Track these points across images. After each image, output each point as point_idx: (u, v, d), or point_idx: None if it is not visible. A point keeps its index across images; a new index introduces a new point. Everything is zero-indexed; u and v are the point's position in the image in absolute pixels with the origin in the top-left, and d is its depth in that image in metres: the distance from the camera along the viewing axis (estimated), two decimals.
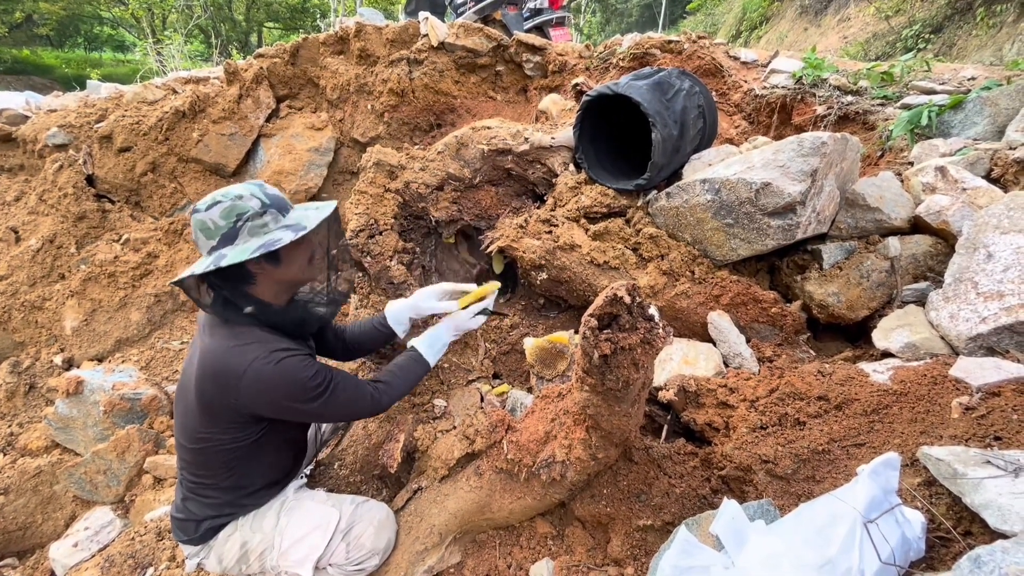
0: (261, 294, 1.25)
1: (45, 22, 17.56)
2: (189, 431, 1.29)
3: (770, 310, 1.71)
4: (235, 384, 1.16)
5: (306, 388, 1.20)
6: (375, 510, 1.47)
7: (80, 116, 3.34)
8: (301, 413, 1.26)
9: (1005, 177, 1.78)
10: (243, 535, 1.39)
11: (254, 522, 1.40)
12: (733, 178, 1.65)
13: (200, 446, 1.28)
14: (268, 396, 1.18)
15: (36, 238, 3.05)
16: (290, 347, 1.22)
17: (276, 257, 1.22)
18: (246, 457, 1.32)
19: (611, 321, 1.05)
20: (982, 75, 2.45)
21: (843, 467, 1.16)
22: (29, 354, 2.85)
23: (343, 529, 1.41)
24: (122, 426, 2.31)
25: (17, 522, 2.16)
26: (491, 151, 2.16)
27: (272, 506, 1.43)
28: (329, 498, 1.48)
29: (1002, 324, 1.29)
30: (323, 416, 1.32)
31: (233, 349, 1.18)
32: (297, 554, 1.38)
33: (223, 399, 1.19)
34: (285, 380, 1.17)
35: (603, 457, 1.27)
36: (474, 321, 1.63)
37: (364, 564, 1.43)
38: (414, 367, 1.49)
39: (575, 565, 1.30)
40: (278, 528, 1.40)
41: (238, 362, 1.16)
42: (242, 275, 1.21)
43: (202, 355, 1.21)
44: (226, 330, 1.21)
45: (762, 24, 12.05)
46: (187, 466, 1.36)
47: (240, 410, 1.21)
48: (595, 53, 3.19)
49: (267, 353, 1.17)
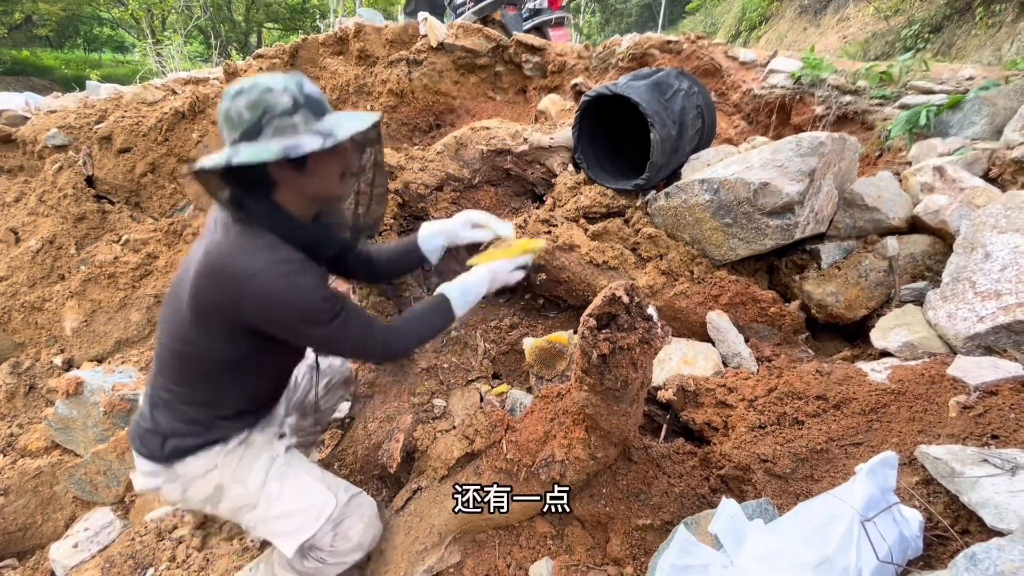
0: (283, 202, 1.13)
1: (44, 23, 17.57)
2: (175, 331, 1.18)
3: (769, 310, 1.71)
4: (239, 289, 1.05)
5: (314, 310, 1.09)
6: (366, 505, 1.42)
7: (80, 117, 3.34)
8: (303, 336, 1.15)
9: (1003, 177, 1.78)
10: (222, 478, 1.29)
11: (237, 470, 1.30)
12: (732, 178, 1.65)
13: (184, 349, 1.18)
14: (272, 310, 1.08)
15: (36, 239, 3.05)
16: (305, 262, 1.11)
17: (302, 165, 1.09)
18: (227, 373, 1.22)
19: (610, 321, 1.05)
20: (980, 75, 2.46)
21: (841, 466, 1.17)
22: (29, 355, 2.85)
23: (335, 519, 1.34)
24: (122, 427, 2.31)
25: (17, 523, 2.16)
26: (490, 151, 2.16)
27: (260, 459, 1.33)
28: (324, 476, 1.39)
29: (999, 323, 1.30)
30: (325, 346, 1.22)
31: (244, 250, 1.06)
32: (281, 527, 1.30)
33: (221, 302, 1.08)
34: (294, 296, 1.07)
35: (602, 457, 1.28)
36: (514, 275, 1.45)
37: (346, 557, 1.36)
38: (436, 315, 1.32)
39: (574, 564, 1.31)
40: (265, 491, 1.30)
41: (246, 265, 1.05)
42: (261, 178, 1.09)
43: (208, 251, 1.09)
44: (239, 229, 1.09)
45: (761, 24, 12.06)
46: (163, 371, 1.25)
47: (236, 318, 1.10)
48: (594, 53, 3.19)
49: (280, 262, 1.06)
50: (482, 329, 2.05)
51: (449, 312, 1.33)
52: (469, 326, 2.08)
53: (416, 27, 3.23)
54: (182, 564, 1.77)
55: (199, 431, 1.27)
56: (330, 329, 1.13)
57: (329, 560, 1.36)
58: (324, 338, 1.15)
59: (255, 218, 1.09)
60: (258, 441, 1.37)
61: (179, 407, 1.26)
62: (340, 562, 1.37)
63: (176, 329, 1.18)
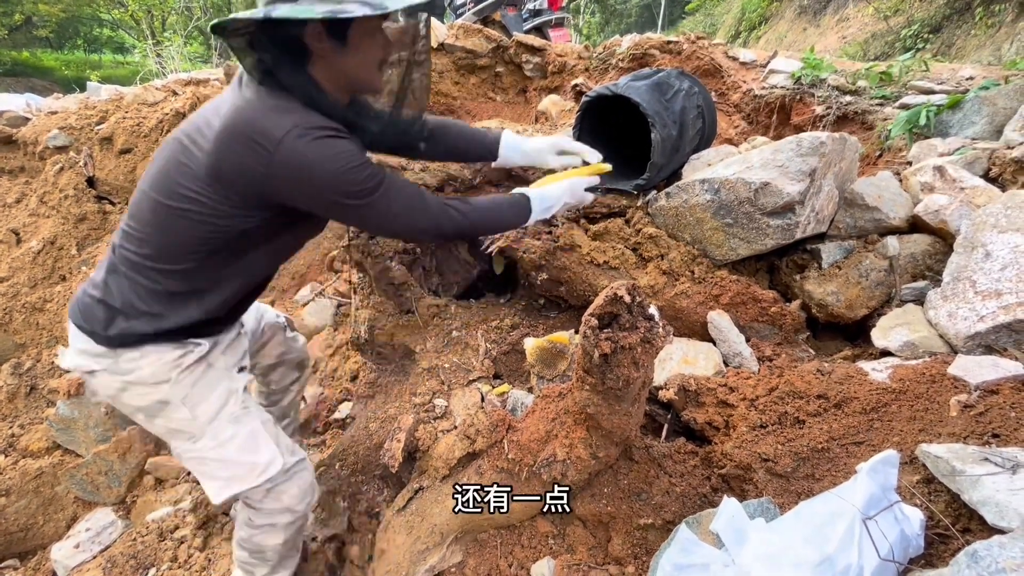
0: (317, 77, 1.02)
1: (45, 24, 17.58)
2: (172, 188, 1.04)
3: (769, 309, 1.71)
4: (269, 150, 0.95)
5: (353, 179, 0.99)
6: (306, 472, 1.36)
7: (80, 118, 3.35)
8: (340, 209, 1.04)
9: (1003, 176, 1.78)
10: (171, 395, 1.16)
11: (191, 392, 1.18)
12: (732, 178, 1.65)
13: (180, 207, 1.03)
14: (305, 178, 0.97)
15: (37, 240, 3.06)
16: (341, 130, 1.01)
17: (343, 38, 0.99)
18: (220, 246, 1.09)
19: (611, 320, 1.06)
20: (980, 75, 2.46)
21: (842, 465, 1.17)
22: (30, 356, 2.85)
23: (276, 480, 1.27)
24: (123, 427, 2.31)
25: (18, 523, 2.16)
26: None
27: (217, 389, 1.22)
28: (279, 435, 1.32)
29: (1000, 322, 1.30)
30: (368, 220, 1.09)
31: (275, 110, 0.97)
32: (216, 471, 1.23)
33: (246, 165, 0.97)
34: (329, 162, 0.97)
35: (604, 456, 1.28)
36: (587, 195, 1.41)
37: (273, 518, 1.31)
38: (510, 207, 1.22)
39: (576, 564, 1.31)
40: (213, 427, 1.20)
41: (277, 125, 0.95)
42: (298, 44, 0.99)
43: (234, 110, 0.99)
44: (268, 91, 0.99)
45: (761, 24, 12.07)
46: (139, 231, 1.09)
47: (262, 186, 0.99)
48: (594, 54, 3.19)
49: (313, 127, 0.96)
50: (483, 329, 2.05)
51: (525, 209, 1.24)
52: (470, 326, 2.08)
53: None
54: (184, 564, 1.77)
55: (155, 314, 1.12)
56: (372, 201, 1.03)
57: (256, 520, 1.31)
58: (365, 211, 1.04)
59: (286, 86, 0.99)
60: (219, 365, 1.25)
61: (144, 277, 1.10)
62: (268, 523, 1.32)
63: (175, 186, 1.04)
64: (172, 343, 1.16)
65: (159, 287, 1.11)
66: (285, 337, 1.71)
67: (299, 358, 1.78)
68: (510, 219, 1.25)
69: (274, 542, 1.37)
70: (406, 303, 2.05)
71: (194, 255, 1.09)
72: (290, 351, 1.73)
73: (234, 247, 1.11)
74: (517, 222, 1.26)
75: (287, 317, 1.75)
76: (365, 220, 1.11)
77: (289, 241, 1.25)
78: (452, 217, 1.14)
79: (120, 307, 1.11)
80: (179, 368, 1.17)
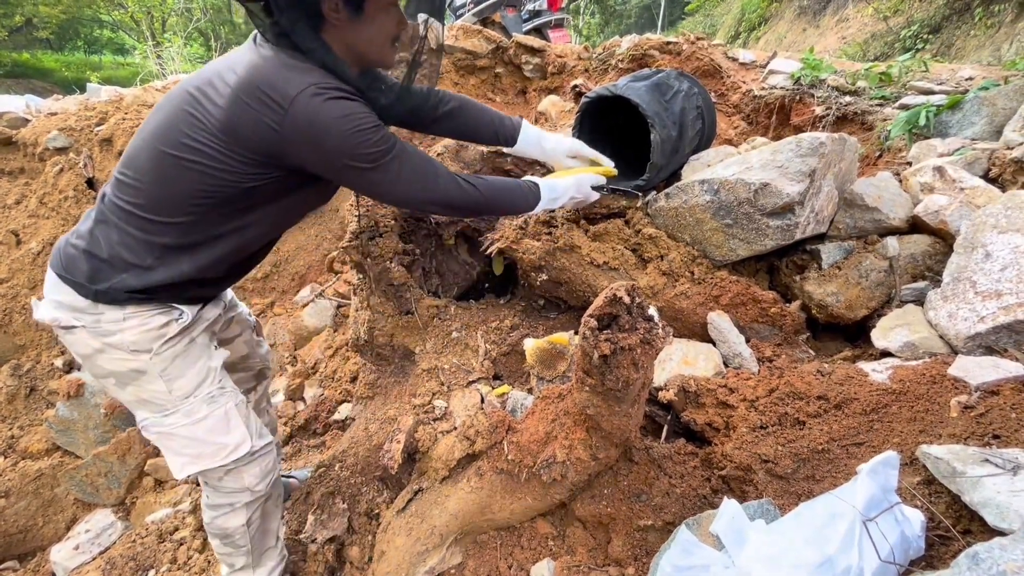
0: (330, 43, 1.03)
1: (45, 25, 17.60)
2: (178, 140, 1.02)
3: (769, 310, 1.71)
4: (283, 107, 0.95)
5: (365, 140, 0.98)
6: (269, 456, 1.36)
7: (80, 119, 3.35)
8: (349, 172, 1.03)
9: (1003, 177, 1.78)
10: (149, 366, 1.14)
11: (170, 368, 1.16)
12: (732, 179, 1.65)
13: (186, 156, 1.02)
14: (316, 136, 0.97)
15: (37, 241, 3.06)
16: (355, 94, 1.02)
17: (359, 8, 1.00)
18: (215, 207, 1.07)
19: (611, 321, 1.06)
20: (980, 75, 2.46)
21: (843, 466, 1.17)
22: (30, 357, 2.85)
23: (242, 461, 1.27)
24: (123, 428, 2.31)
25: (18, 525, 2.16)
26: (491, 152, 2.17)
27: (196, 366, 1.20)
28: (250, 416, 1.32)
29: (1000, 323, 1.30)
30: (377, 186, 1.08)
31: (292, 69, 0.97)
32: (182, 448, 1.21)
33: (260, 122, 0.97)
34: (343, 122, 0.97)
35: (603, 457, 1.28)
36: (593, 193, 1.43)
37: (231, 497, 1.31)
38: (519, 190, 1.22)
39: (576, 565, 1.31)
40: (187, 405, 1.19)
41: (292, 83, 0.95)
42: (315, 11, 0.99)
43: (251, 66, 0.99)
44: (283, 52, 1.00)
45: (761, 25, 12.08)
46: (135, 180, 1.06)
47: (271, 144, 0.99)
48: (594, 55, 3.20)
49: (329, 88, 0.97)
50: (483, 330, 2.05)
51: (534, 196, 1.24)
52: (470, 327, 2.08)
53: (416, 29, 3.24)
54: (183, 566, 1.77)
55: (144, 267, 1.09)
56: (382, 165, 1.02)
57: (214, 499, 1.31)
58: (375, 177, 1.03)
59: (302, 50, 1.00)
60: (200, 341, 1.25)
61: (136, 227, 1.07)
62: (227, 503, 1.32)
63: (181, 136, 1.02)
64: (157, 307, 1.13)
65: (151, 239, 1.08)
66: (252, 338, 1.65)
67: (261, 366, 1.70)
68: (519, 202, 1.24)
69: (236, 523, 1.35)
70: (406, 304, 2.05)
71: (194, 209, 1.07)
72: (253, 356, 1.66)
73: (237, 204, 1.10)
74: (525, 207, 1.24)
75: (257, 321, 1.70)
76: (374, 186, 1.08)
77: (292, 206, 1.22)
78: (463, 189, 1.13)
79: (107, 258, 1.08)
80: (162, 339, 1.14)
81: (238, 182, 1.05)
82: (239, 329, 1.60)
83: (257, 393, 1.73)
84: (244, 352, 1.63)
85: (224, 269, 1.21)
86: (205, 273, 1.17)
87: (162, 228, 1.08)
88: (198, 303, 1.24)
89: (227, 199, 1.08)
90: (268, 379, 1.78)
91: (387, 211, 2.08)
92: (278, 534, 1.54)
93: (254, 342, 1.67)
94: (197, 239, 1.12)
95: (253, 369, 1.68)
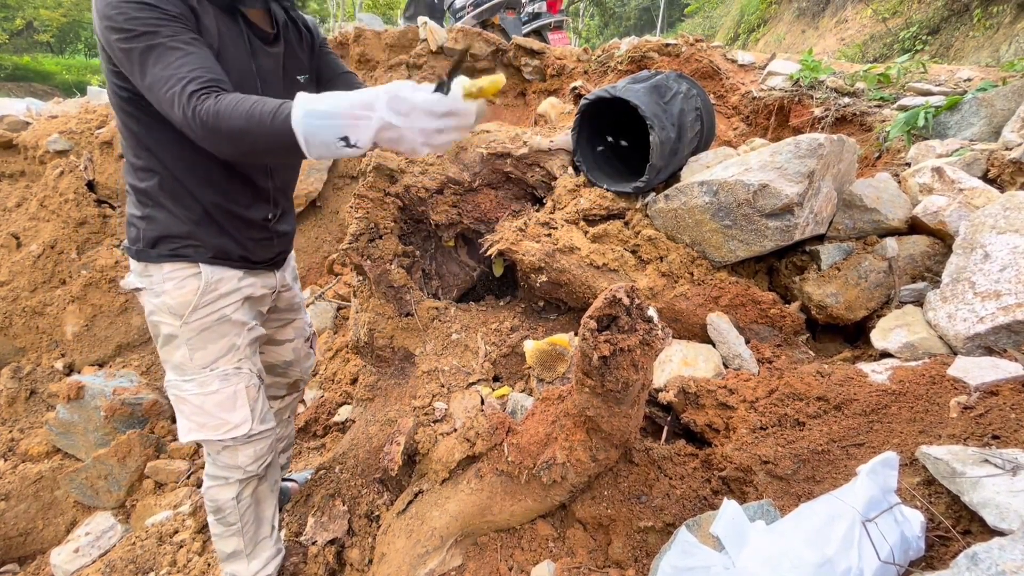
0: None
1: (45, 29, 17.65)
2: (105, 76, 1.09)
3: (769, 311, 1.71)
4: None
5: (123, 10, 0.92)
6: (264, 443, 1.42)
7: (81, 122, 3.36)
8: (112, 49, 0.98)
9: (1001, 177, 1.79)
10: (179, 332, 1.24)
11: (196, 339, 1.25)
12: (731, 180, 1.65)
13: (110, 92, 1.10)
14: (95, 7, 0.96)
15: (37, 244, 3.06)
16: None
17: None
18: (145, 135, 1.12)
19: (610, 323, 1.06)
20: (978, 76, 2.47)
21: (843, 467, 1.17)
22: (30, 359, 2.85)
23: (239, 440, 1.34)
24: (123, 431, 2.31)
25: (18, 528, 2.16)
26: (490, 154, 2.17)
27: (220, 343, 1.27)
28: (259, 399, 1.37)
29: (999, 323, 1.30)
30: (136, 75, 0.97)
31: None
32: (190, 413, 1.30)
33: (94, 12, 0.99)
34: None
35: (603, 459, 1.28)
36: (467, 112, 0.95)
37: (225, 471, 1.38)
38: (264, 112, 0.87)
39: (576, 567, 1.31)
40: (202, 378, 1.27)
41: None
42: None
43: None
44: None
45: (760, 27, 12.10)
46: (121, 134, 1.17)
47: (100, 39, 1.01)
48: (593, 57, 3.20)
49: None
50: (483, 332, 2.05)
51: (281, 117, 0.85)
52: (470, 329, 2.08)
53: (416, 31, 3.25)
54: (183, 568, 1.76)
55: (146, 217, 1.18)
56: (132, 49, 0.93)
57: (210, 470, 1.38)
58: (128, 60, 0.96)
59: None
60: (235, 320, 1.30)
61: (131, 178, 1.19)
62: (222, 475, 1.39)
63: (105, 74, 1.09)
64: (188, 265, 1.22)
65: (139, 184, 1.18)
66: (302, 347, 1.70)
67: (297, 377, 1.74)
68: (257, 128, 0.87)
69: (227, 496, 1.41)
70: (406, 306, 2.05)
71: (139, 144, 1.14)
72: (296, 365, 1.70)
73: (153, 130, 1.10)
74: (272, 134, 0.87)
75: (313, 332, 1.75)
76: (134, 73, 0.98)
77: None
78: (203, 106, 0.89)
79: (129, 218, 1.21)
80: (192, 307, 1.23)
81: (124, 85, 1.05)
82: (293, 335, 1.66)
83: (284, 402, 1.77)
84: (289, 359, 1.68)
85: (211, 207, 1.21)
86: (193, 212, 1.21)
87: (138, 172, 1.17)
88: (226, 263, 1.28)
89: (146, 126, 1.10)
90: (299, 392, 1.82)
91: (386, 213, 2.09)
92: (274, 524, 1.56)
93: (303, 353, 1.72)
94: (165, 181, 1.17)
95: (290, 378, 1.72)
